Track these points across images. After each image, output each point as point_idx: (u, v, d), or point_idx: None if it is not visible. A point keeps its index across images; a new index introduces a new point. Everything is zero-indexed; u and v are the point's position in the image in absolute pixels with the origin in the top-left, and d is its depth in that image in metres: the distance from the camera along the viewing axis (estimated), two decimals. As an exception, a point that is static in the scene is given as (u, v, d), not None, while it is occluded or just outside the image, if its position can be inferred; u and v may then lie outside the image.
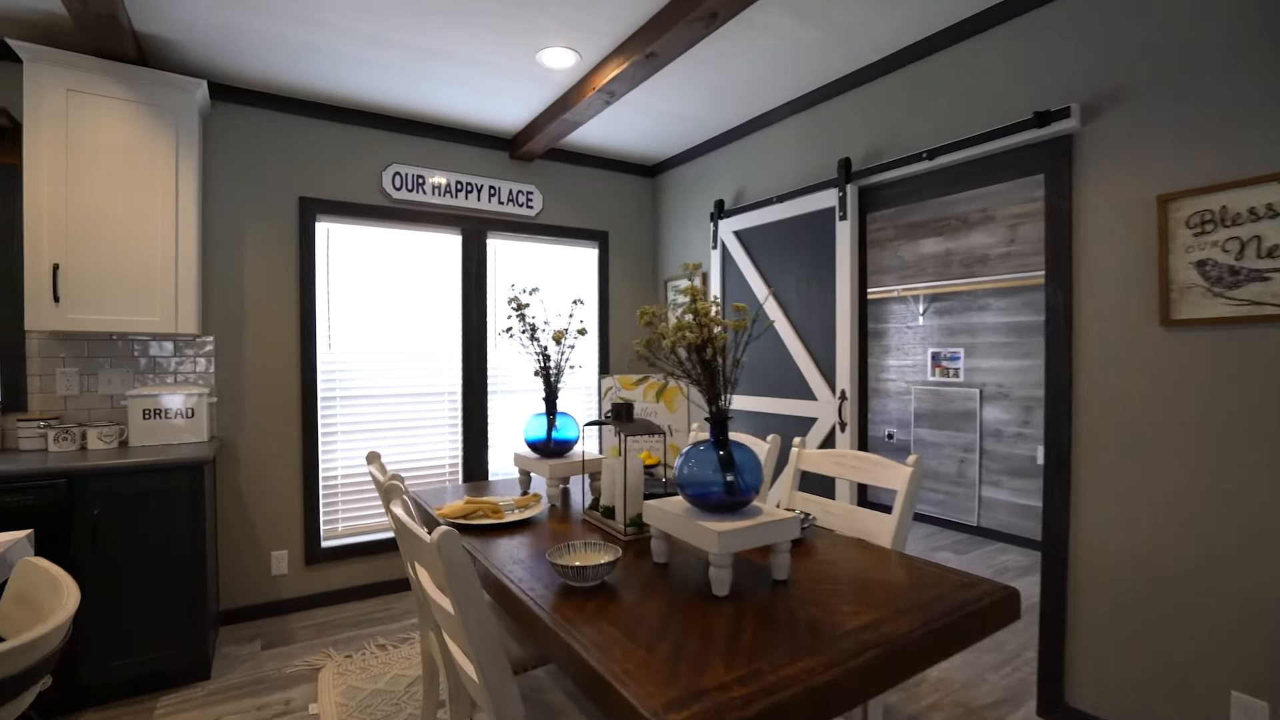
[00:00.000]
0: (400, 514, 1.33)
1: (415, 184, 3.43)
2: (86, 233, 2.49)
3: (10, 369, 2.61)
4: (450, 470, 3.60)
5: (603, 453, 3.52)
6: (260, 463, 3.09)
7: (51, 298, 2.43)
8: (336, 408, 3.28)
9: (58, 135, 2.44)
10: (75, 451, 2.51)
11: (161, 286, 2.60)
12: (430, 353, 3.53)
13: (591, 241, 4.07)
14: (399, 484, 1.54)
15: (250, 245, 3.07)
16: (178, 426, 2.71)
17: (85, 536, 2.25)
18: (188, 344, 2.93)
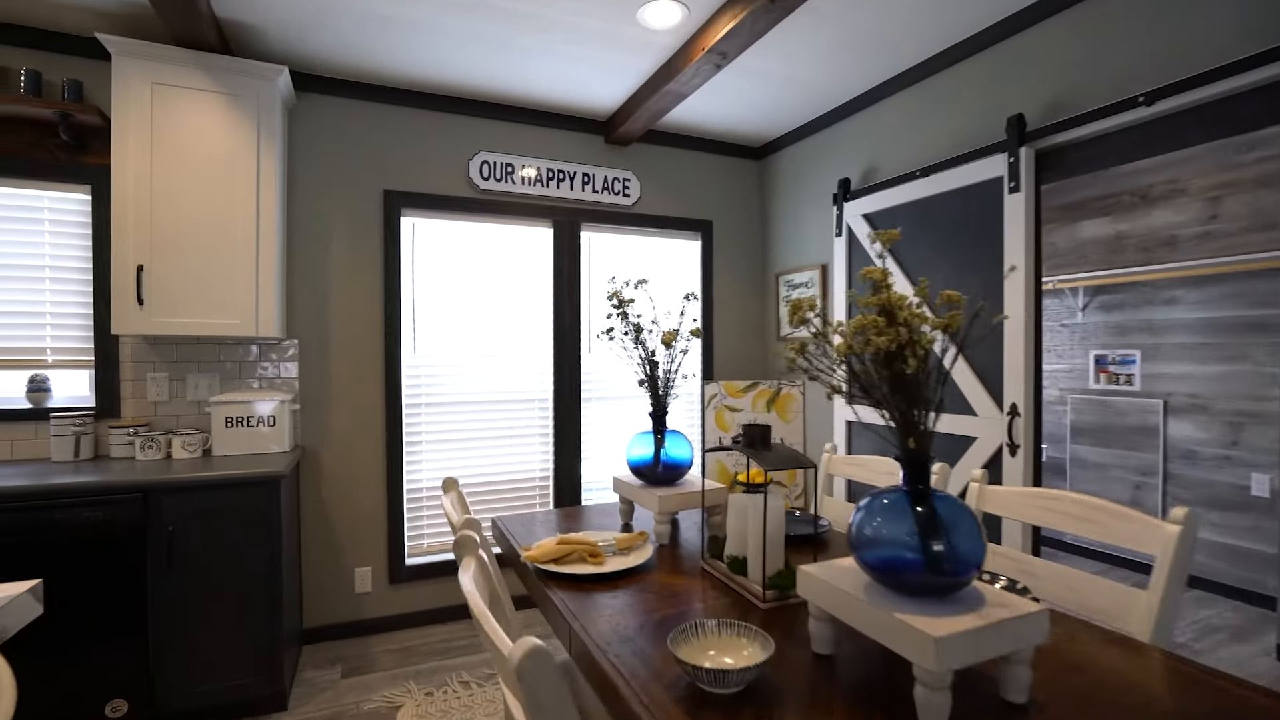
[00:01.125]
0: (472, 592, 0.97)
1: (504, 173, 3.16)
2: (170, 232, 2.37)
3: (105, 374, 2.54)
4: (540, 483, 3.31)
5: (705, 473, 3.08)
6: (343, 473, 2.91)
7: (136, 300, 2.32)
8: (421, 415, 3.06)
9: (143, 131, 2.33)
10: (160, 461, 2.39)
11: (242, 287, 2.45)
12: (520, 356, 3.25)
13: (693, 232, 3.67)
14: (473, 534, 1.20)
15: (335, 242, 2.90)
16: (260, 435, 2.55)
17: (160, 554, 2.10)
18: (272, 348, 2.79)
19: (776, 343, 3.69)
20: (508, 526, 1.91)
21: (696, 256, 3.71)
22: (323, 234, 2.88)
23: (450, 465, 3.12)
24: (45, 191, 2.49)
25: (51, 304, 2.50)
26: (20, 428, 2.46)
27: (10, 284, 2.46)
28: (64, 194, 2.51)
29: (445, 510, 1.51)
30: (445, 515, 1.51)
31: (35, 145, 2.46)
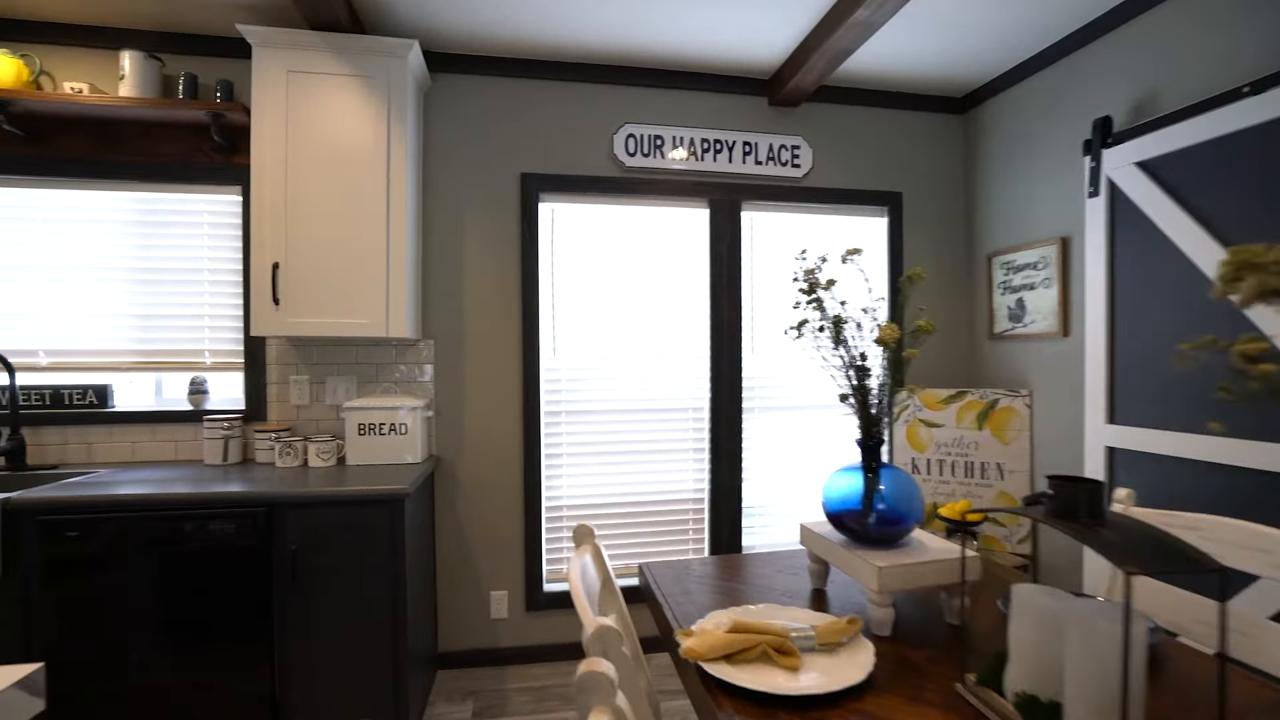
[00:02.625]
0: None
1: (653, 147, 2.75)
2: (301, 227, 2.22)
3: (253, 377, 2.49)
4: (694, 505, 2.84)
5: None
6: (479, 486, 2.66)
7: (272, 300, 2.20)
8: (561, 424, 2.73)
9: (278, 122, 2.21)
10: (296, 469, 2.26)
11: (373, 284, 2.25)
12: (671, 358, 2.82)
13: (877, 207, 3.01)
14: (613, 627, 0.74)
15: (469, 233, 2.65)
16: (393, 443, 2.35)
17: (285, 572, 1.93)
18: (407, 349, 2.60)
19: (990, 341, 2.91)
20: (658, 579, 1.46)
21: (882, 236, 3.04)
22: (456, 224, 2.64)
23: (592, 482, 2.76)
24: (202, 195, 2.49)
25: (209, 306, 2.49)
26: (183, 429, 2.46)
27: (174, 287, 2.47)
28: (218, 196, 2.49)
29: (571, 581, 1.09)
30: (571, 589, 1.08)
31: (193, 150, 2.46)
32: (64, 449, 2.42)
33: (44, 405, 2.40)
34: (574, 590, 1.07)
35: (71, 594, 1.84)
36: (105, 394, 2.43)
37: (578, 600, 1.03)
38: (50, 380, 2.44)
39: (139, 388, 2.53)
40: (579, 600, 1.02)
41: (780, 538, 2.93)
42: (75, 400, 2.41)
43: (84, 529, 1.83)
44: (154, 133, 2.44)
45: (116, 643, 1.86)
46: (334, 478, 2.10)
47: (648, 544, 2.81)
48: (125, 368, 2.46)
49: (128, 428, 2.44)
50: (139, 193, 2.46)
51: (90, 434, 2.42)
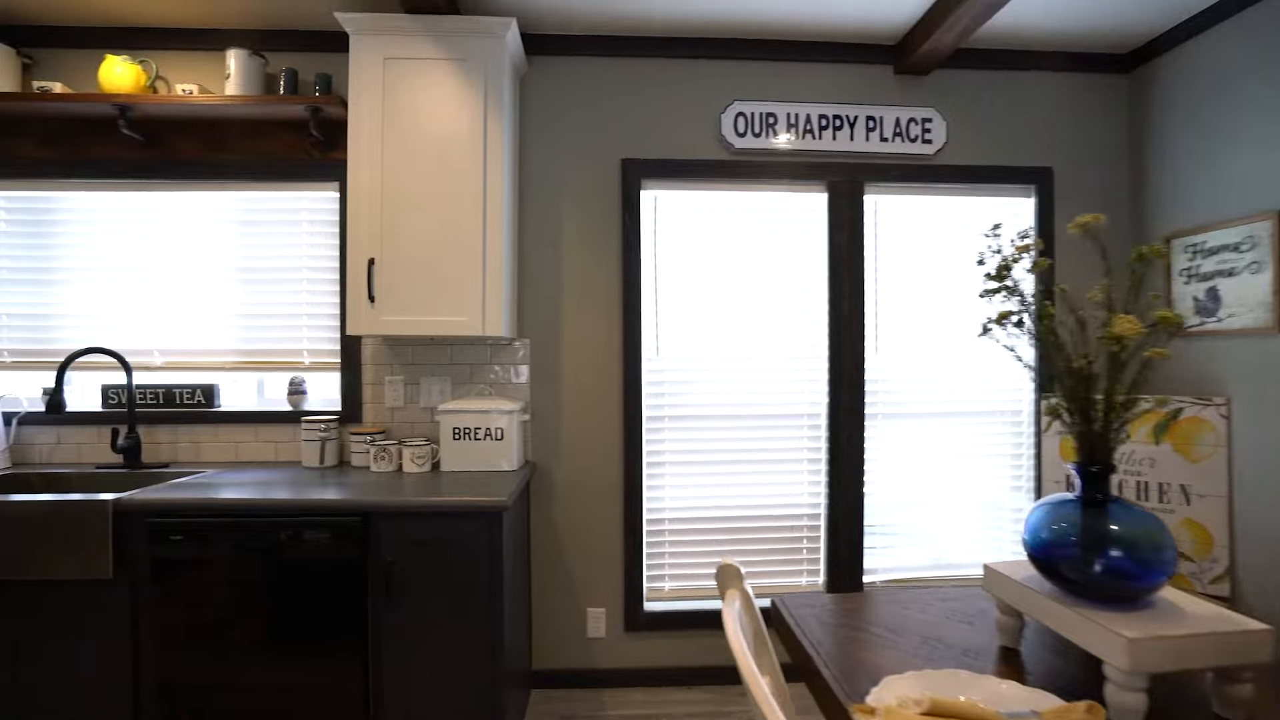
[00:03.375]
0: None
1: (764, 125, 2.49)
2: (396, 220, 2.12)
3: (349, 377, 2.43)
4: (809, 521, 2.56)
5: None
6: (576, 495, 2.49)
7: (367, 297, 2.11)
8: (665, 430, 2.52)
9: (375, 113, 2.12)
10: (391, 474, 2.17)
11: (468, 280, 2.12)
12: (783, 360, 2.55)
13: (1022, 186, 2.61)
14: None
15: (567, 224, 2.49)
16: (488, 449, 2.21)
17: (380, 585, 1.81)
18: (502, 349, 2.47)
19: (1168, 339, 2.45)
20: (798, 619, 1.22)
21: (1027, 219, 2.64)
22: (553, 216, 2.49)
23: (697, 493, 2.53)
24: (302, 192, 2.45)
25: (308, 305, 2.45)
26: (283, 430, 2.44)
27: (275, 286, 2.45)
28: (317, 193, 2.45)
29: (732, 642, 0.86)
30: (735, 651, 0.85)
31: (293, 147, 2.43)
32: (175, 448, 2.44)
33: (158, 404, 2.43)
34: (738, 653, 0.84)
35: (175, 595, 1.80)
36: (212, 394, 2.44)
37: (744, 668, 0.80)
38: (163, 380, 2.48)
39: (242, 387, 2.53)
40: (745, 669, 0.80)
41: (908, 561, 2.59)
42: (185, 400, 2.43)
43: (187, 534, 1.78)
44: (258, 132, 2.43)
45: (215, 645, 1.80)
46: (429, 485, 1.98)
47: (758, 562, 2.55)
48: (230, 367, 2.46)
49: (232, 428, 2.43)
50: (243, 192, 2.45)
51: (198, 433, 2.44)
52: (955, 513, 2.60)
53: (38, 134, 2.44)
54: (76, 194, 2.46)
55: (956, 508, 2.60)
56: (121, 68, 2.30)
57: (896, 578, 2.59)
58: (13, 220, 2.47)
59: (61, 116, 2.38)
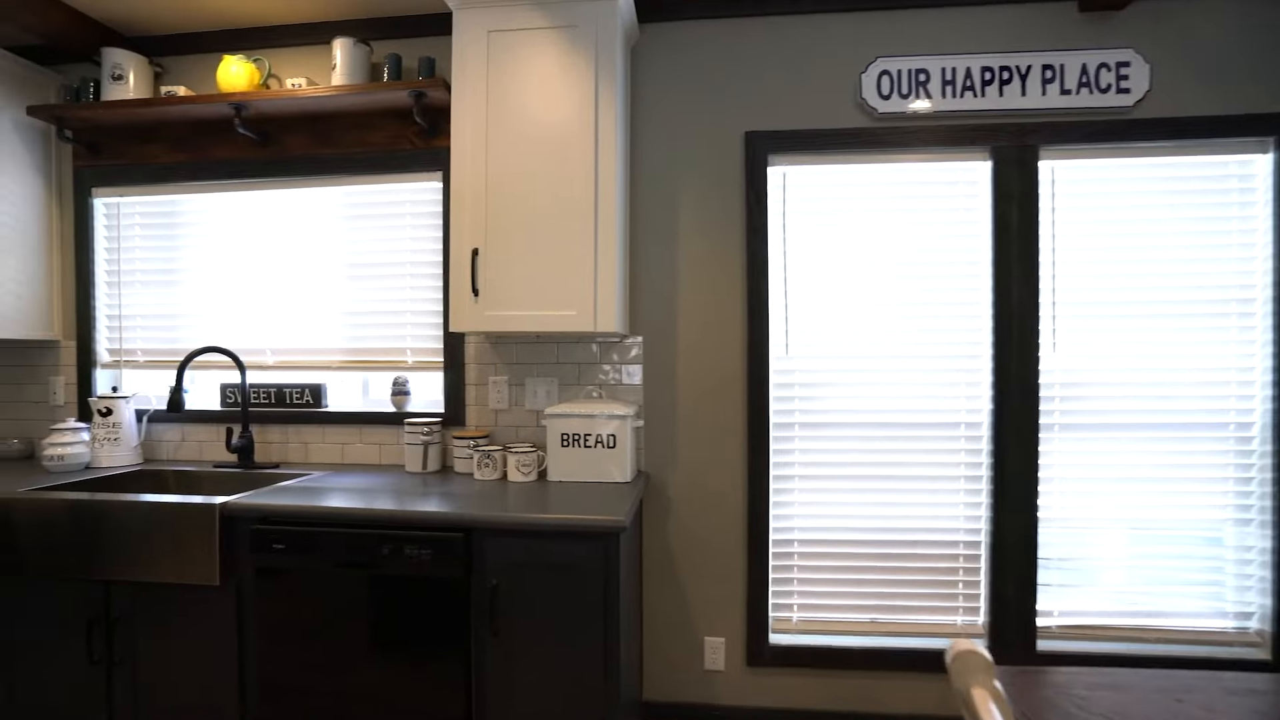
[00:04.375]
0: None
1: (914, 84, 2.12)
2: (501, 206, 1.95)
3: (452, 377, 2.30)
4: (967, 550, 2.16)
5: None
6: (693, 511, 2.22)
7: (471, 290, 1.95)
8: (794, 440, 2.21)
9: (479, 90, 1.96)
10: (495, 483, 2.00)
11: (579, 271, 1.91)
12: (935, 359, 2.17)
13: (1253, 139, 2.08)
14: None
15: (684, 208, 2.23)
16: (598, 458, 2.00)
17: (483, 609, 1.63)
18: (613, 347, 2.25)
19: None
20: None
21: (1258, 186, 2.10)
22: (668, 199, 2.24)
23: (831, 511, 2.20)
24: (405, 184, 2.35)
25: (411, 302, 2.35)
26: (386, 432, 2.35)
27: (379, 282, 2.37)
28: (420, 184, 2.34)
29: None
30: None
31: (397, 137, 2.33)
32: (285, 448, 2.41)
33: (270, 404, 2.41)
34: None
35: (278, 606, 1.70)
36: (320, 393, 2.39)
37: None
38: (275, 379, 2.46)
39: (348, 387, 2.47)
40: None
41: (1094, 604, 2.13)
42: (295, 399, 2.39)
43: (288, 542, 1.68)
44: (363, 124, 2.35)
45: (316, 660, 1.69)
46: (535, 497, 1.79)
47: (903, 595, 2.18)
48: (336, 366, 2.40)
49: (338, 429, 2.37)
50: (349, 186, 2.38)
51: (307, 434, 2.39)
52: (1158, 548, 2.11)
53: (167, 140, 2.49)
54: (199, 196, 2.49)
55: (1160, 542, 2.11)
56: (237, 67, 2.28)
57: (1079, 623, 2.14)
58: (146, 224, 2.54)
59: (185, 120, 2.41)
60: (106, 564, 1.76)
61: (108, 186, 2.55)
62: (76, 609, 1.82)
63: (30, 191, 2.49)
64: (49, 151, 2.55)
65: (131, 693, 1.79)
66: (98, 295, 2.58)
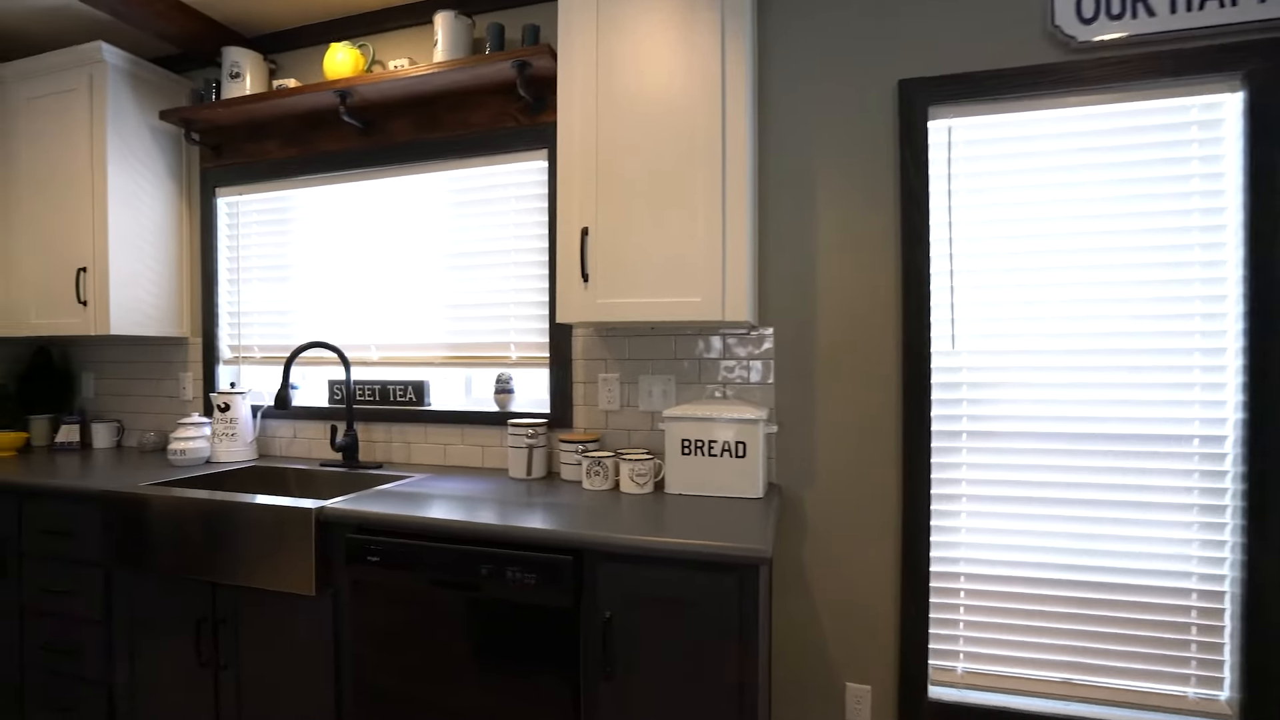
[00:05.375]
0: None
1: (1126, 1, 1.66)
2: (615, 176, 1.71)
3: (558, 374, 2.09)
4: (1200, 599, 1.67)
5: None
6: (835, 534, 1.88)
7: (580, 276, 1.72)
8: (963, 452, 1.81)
9: (587, 55, 1.73)
10: (606, 494, 1.76)
11: (704, 250, 1.63)
12: (1152, 352, 1.69)
13: None
14: None
15: (822, 176, 1.89)
16: (725, 469, 1.71)
17: (594, 646, 1.39)
18: (739, 340, 1.95)
19: None
20: None
21: None
22: (803, 168, 1.91)
23: (1008, 541, 1.78)
24: (507, 165, 2.17)
25: (515, 293, 2.17)
26: (489, 433, 2.18)
27: (482, 272, 2.21)
28: (524, 164, 2.16)
29: None
30: None
31: (500, 115, 2.16)
32: (389, 447, 2.31)
33: (374, 401, 2.32)
34: None
35: (372, 623, 1.55)
36: (422, 391, 2.27)
37: None
38: (379, 375, 2.37)
39: (451, 384, 2.33)
40: None
41: (1400, 685, 1.57)
42: (398, 397, 2.29)
43: (384, 555, 1.52)
44: (464, 104, 2.20)
45: (409, 689, 1.52)
46: (653, 513, 1.53)
47: (1107, 652, 1.72)
48: (439, 362, 2.27)
49: (440, 428, 2.23)
50: (451, 171, 2.24)
51: (409, 433, 2.28)
52: None
53: (280, 135, 2.47)
54: (307, 190, 2.46)
55: None
56: (342, 54, 2.21)
57: (1374, 707, 1.58)
58: (261, 221, 2.55)
59: (295, 113, 2.37)
60: (210, 564, 1.69)
61: (229, 186, 2.58)
62: (186, 608, 1.77)
63: (165, 194, 2.56)
64: (180, 155, 2.62)
65: (235, 698, 1.72)
66: (220, 293, 2.61)
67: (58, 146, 2.41)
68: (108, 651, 1.90)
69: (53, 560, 1.98)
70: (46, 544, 1.98)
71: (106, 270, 2.33)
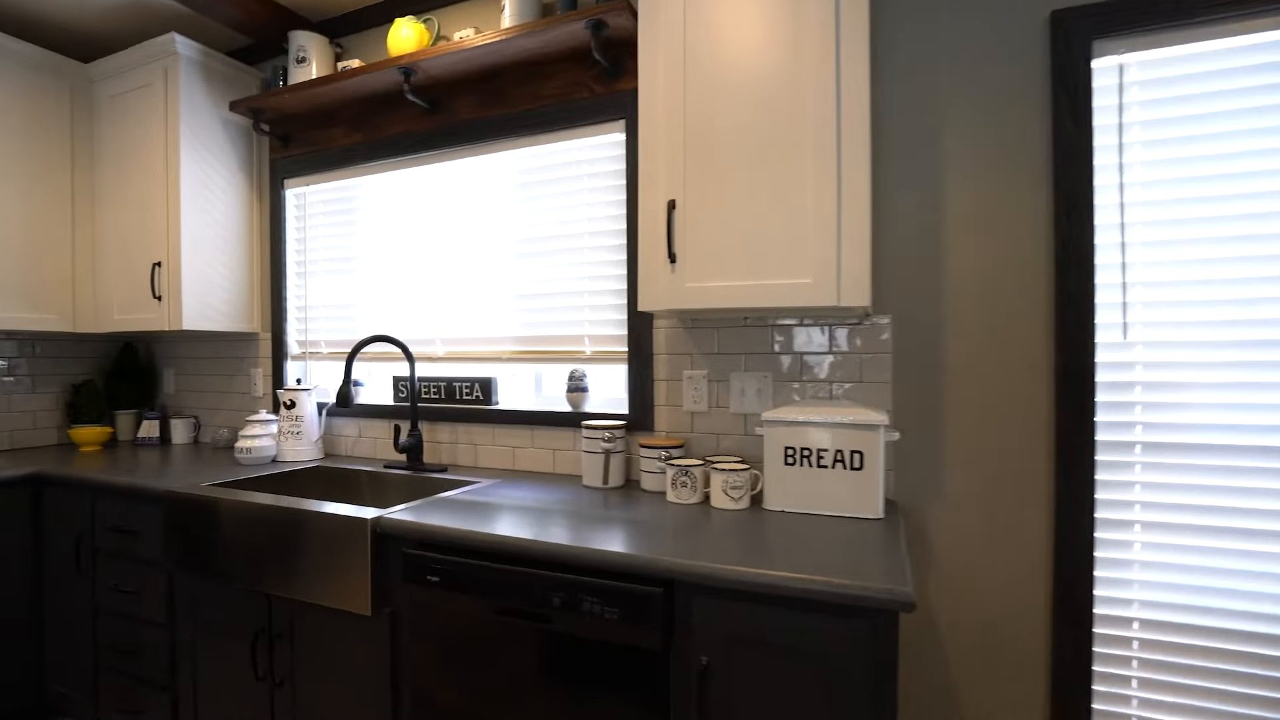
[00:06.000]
0: None
1: (1379, -113, 1.28)
2: (707, 140, 1.47)
3: (638, 371, 1.87)
4: None
5: None
6: (968, 564, 1.57)
7: (666, 255, 1.49)
8: (1135, 469, 1.46)
9: (673, 10, 1.50)
10: (696, 509, 1.52)
11: (814, 223, 1.37)
12: None
13: None
14: None
15: (952, 140, 1.58)
16: (836, 481, 1.44)
17: (687, 695, 1.15)
18: (851, 331, 1.66)
19: None
20: None
21: None
22: (926, 128, 1.61)
23: (1200, 581, 1.42)
24: (581, 139, 1.97)
25: (589, 280, 1.96)
26: (561, 435, 1.99)
27: (553, 258, 2.02)
28: (599, 138, 1.95)
29: None
30: None
31: (573, 84, 1.96)
32: (454, 449, 2.16)
33: (439, 399, 2.17)
34: None
35: (431, 649, 1.37)
36: (490, 388, 2.10)
37: None
38: (444, 372, 2.23)
39: (520, 381, 2.16)
40: None
41: None
42: (465, 394, 2.13)
43: (445, 575, 1.34)
44: (534, 74, 2.02)
45: (481, 734, 1.34)
46: (754, 535, 1.28)
47: (1342, 731, 1.34)
48: (506, 358, 2.10)
49: (509, 429, 2.06)
50: (520, 150, 2.06)
51: (476, 434, 2.12)
52: None
53: (345, 121, 2.37)
54: (372, 178, 2.35)
55: None
56: (407, 29, 2.07)
57: None
58: (327, 212, 2.46)
59: (360, 96, 2.25)
60: (265, 574, 1.57)
61: (297, 176, 2.50)
62: (244, 617, 1.66)
63: (236, 187, 2.51)
64: (250, 147, 2.57)
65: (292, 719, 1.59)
66: (288, 286, 2.55)
67: (135, 142, 2.40)
68: (171, 656, 1.82)
69: (121, 559, 1.93)
70: (116, 542, 1.93)
71: (179, 265, 2.29)
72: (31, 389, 2.65)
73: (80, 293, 2.51)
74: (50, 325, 2.43)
